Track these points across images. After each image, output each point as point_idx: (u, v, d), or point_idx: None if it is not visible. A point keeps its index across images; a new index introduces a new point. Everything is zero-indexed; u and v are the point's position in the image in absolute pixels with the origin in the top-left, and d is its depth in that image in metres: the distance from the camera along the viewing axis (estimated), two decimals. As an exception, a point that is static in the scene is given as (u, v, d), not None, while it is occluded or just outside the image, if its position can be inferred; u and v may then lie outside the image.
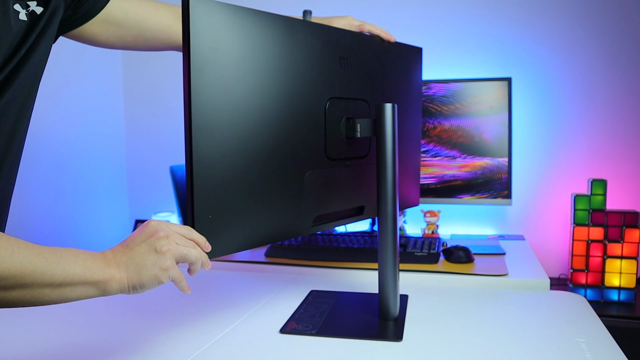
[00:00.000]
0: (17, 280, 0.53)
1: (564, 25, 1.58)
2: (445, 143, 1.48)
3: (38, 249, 0.56)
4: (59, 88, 1.72)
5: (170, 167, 1.54)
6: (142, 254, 0.62)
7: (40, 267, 0.54)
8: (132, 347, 0.77)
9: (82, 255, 0.59)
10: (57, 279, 0.56)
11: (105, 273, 0.60)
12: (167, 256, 0.62)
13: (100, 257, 0.61)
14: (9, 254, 0.53)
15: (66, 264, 0.57)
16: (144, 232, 0.63)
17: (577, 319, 0.86)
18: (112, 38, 0.84)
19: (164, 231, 0.63)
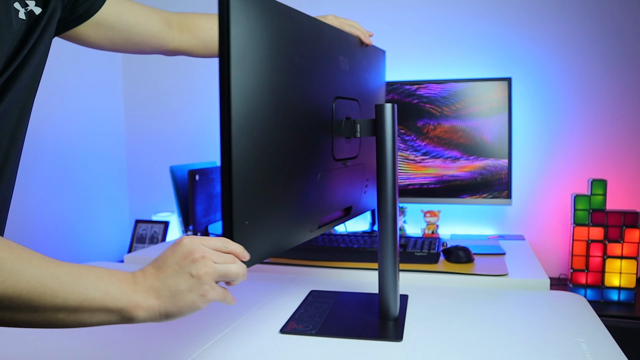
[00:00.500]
0: (24, 301, 0.48)
1: (564, 26, 1.58)
2: (445, 143, 1.48)
3: (54, 267, 0.50)
4: (60, 88, 1.72)
5: (170, 167, 1.54)
6: (176, 279, 0.55)
7: (52, 289, 0.48)
8: (132, 347, 0.77)
9: (105, 278, 0.53)
10: (72, 303, 0.50)
11: (131, 300, 0.54)
12: (205, 280, 0.56)
13: (128, 280, 0.55)
14: (16, 271, 0.47)
15: (84, 288, 0.51)
16: (177, 253, 0.57)
17: (577, 319, 0.86)
18: (104, 40, 0.86)
19: (199, 251, 0.57)
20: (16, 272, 0.47)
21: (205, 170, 1.55)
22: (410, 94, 1.51)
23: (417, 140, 1.50)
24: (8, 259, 0.47)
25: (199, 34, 1.00)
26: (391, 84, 1.52)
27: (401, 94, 1.51)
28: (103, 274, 0.54)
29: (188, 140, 1.95)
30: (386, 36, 1.72)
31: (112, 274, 0.54)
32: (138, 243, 1.85)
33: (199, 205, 1.50)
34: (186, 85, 1.94)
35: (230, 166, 0.60)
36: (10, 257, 0.48)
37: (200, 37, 1.01)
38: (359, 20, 1.11)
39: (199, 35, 1.00)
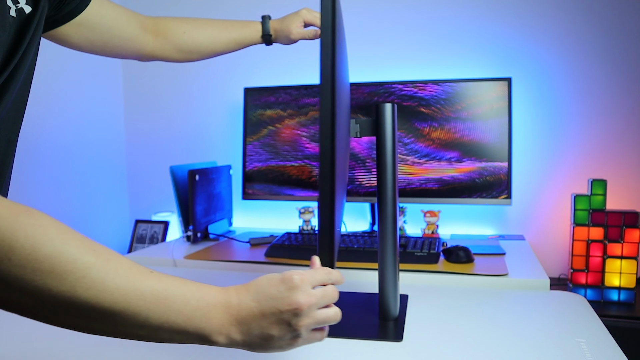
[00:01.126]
0: (105, 314, 0.45)
1: (564, 26, 1.58)
2: (445, 144, 1.48)
3: (139, 281, 0.47)
4: (60, 89, 1.72)
5: (170, 167, 1.54)
6: (273, 326, 0.52)
7: (134, 306, 0.46)
8: (132, 346, 0.77)
9: (193, 302, 0.49)
10: (153, 324, 0.48)
11: (214, 330, 0.51)
12: (301, 331, 0.53)
13: (218, 306, 0.51)
14: (101, 280, 0.45)
15: (167, 309, 0.48)
16: (284, 299, 0.52)
17: (577, 319, 0.86)
18: (84, 41, 0.86)
19: (307, 302, 0.52)
20: (101, 281, 0.45)
21: (205, 170, 1.55)
22: (410, 97, 1.51)
23: (417, 142, 1.50)
24: (94, 265, 0.45)
25: (173, 39, 1.01)
26: (390, 84, 1.52)
27: (401, 97, 1.51)
28: (192, 296, 0.50)
29: (188, 140, 1.95)
30: (385, 36, 1.72)
31: (202, 297, 0.50)
32: (138, 243, 1.85)
33: (199, 205, 1.50)
34: (186, 85, 1.94)
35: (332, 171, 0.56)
36: (97, 263, 0.45)
37: (174, 42, 1.01)
38: (355, 19, 1.11)
39: (173, 40, 1.01)
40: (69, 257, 0.44)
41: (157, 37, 1.00)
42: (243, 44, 1.08)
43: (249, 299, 0.52)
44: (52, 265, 0.43)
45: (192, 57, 1.05)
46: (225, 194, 1.70)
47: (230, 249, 1.40)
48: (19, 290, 0.43)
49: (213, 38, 1.04)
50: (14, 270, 0.42)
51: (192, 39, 1.02)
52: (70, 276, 0.43)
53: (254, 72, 1.82)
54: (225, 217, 1.70)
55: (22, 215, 0.44)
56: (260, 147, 1.65)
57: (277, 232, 1.60)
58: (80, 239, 0.46)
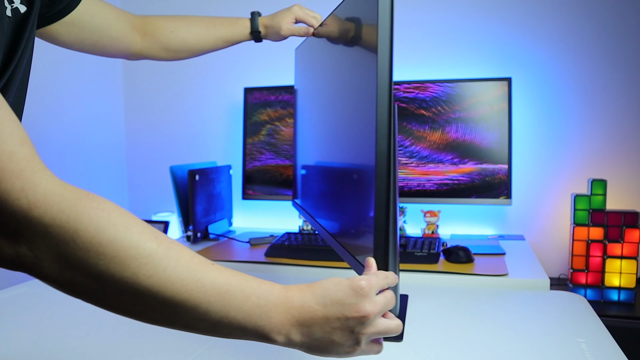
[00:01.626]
0: (165, 303, 0.45)
1: (564, 25, 1.58)
2: (445, 144, 1.48)
3: (200, 272, 0.46)
4: (60, 89, 1.72)
5: (170, 167, 1.54)
6: (336, 331, 0.51)
7: (195, 297, 0.46)
8: (132, 346, 0.77)
9: (253, 299, 0.48)
10: (213, 317, 0.47)
11: (274, 329, 0.50)
12: (362, 340, 0.52)
13: (279, 304, 0.50)
14: (163, 268, 0.44)
15: (227, 304, 0.47)
16: (351, 305, 0.50)
17: (577, 319, 0.86)
18: (73, 40, 0.85)
19: (373, 311, 0.51)
20: (163, 269, 0.44)
21: (205, 170, 1.55)
22: (411, 99, 1.50)
23: (417, 144, 1.49)
24: (156, 252, 0.45)
25: (160, 39, 1.01)
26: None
27: (400, 99, 1.51)
28: (252, 292, 0.49)
29: (188, 140, 1.95)
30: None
31: (263, 295, 0.49)
32: (138, 243, 1.85)
33: (199, 205, 1.50)
34: (186, 85, 1.94)
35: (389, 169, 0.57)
36: (159, 250, 0.45)
37: (161, 41, 1.01)
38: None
39: (160, 40, 1.01)
40: (131, 242, 0.44)
41: (145, 36, 0.99)
42: (231, 41, 1.07)
43: (313, 301, 0.51)
44: (115, 250, 0.43)
45: (179, 55, 1.05)
46: (225, 194, 1.70)
47: (230, 249, 1.40)
48: (84, 273, 0.43)
49: (200, 36, 1.04)
50: (78, 253, 0.42)
51: (179, 38, 1.02)
52: (133, 262, 0.43)
53: (254, 72, 1.82)
54: (225, 217, 1.70)
55: (85, 199, 0.44)
56: (260, 147, 1.65)
57: (277, 232, 1.60)
58: (142, 225, 0.46)
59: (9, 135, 0.43)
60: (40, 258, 0.42)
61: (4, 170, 0.42)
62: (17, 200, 0.41)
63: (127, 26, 0.95)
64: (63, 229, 0.42)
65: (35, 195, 0.42)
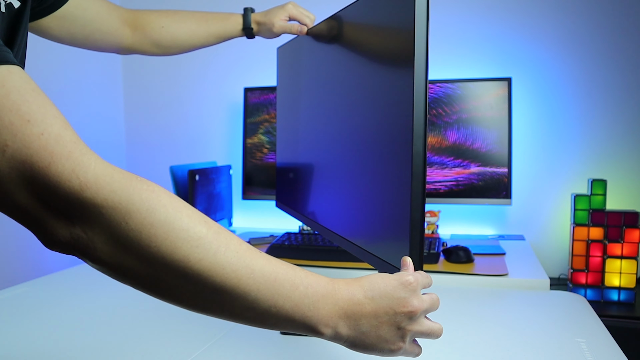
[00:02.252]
0: (216, 288, 0.45)
1: (564, 25, 1.58)
2: (445, 144, 1.48)
3: (249, 258, 0.46)
4: (60, 88, 1.72)
5: (170, 167, 1.54)
6: (383, 326, 0.50)
7: (245, 284, 0.45)
8: (132, 346, 0.77)
9: (302, 288, 0.48)
10: (261, 305, 0.47)
11: (321, 322, 0.49)
12: (407, 336, 0.52)
13: (327, 296, 0.49)
14: (213, 252, 0.44)
15: (276, 292, 0.47)
16: (401, 299, 0.51)
17: (577, 319, 0.86)
18: (64, 34, 0.84)
19: (421, 307, 0.52)
20: (213, 253, 0.44)
21: (205, 170, 1.55)
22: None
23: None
24: (206, 235, 0.44)
25: (151, 34, 1.00)
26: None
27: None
28: (300, 282, 0.48)
29: (188, 140, 1.95)
30: (386, 36, 1.71)
31: (310, 285, 0.49)
32: (138, 243, 1.85)
33: (199, 205, 1.50)
34: (186, 85, 1.94)
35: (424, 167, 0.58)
36: (208, 234, 0.45)
37: (151, 36, 1.00)
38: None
39: (151, 35, 1.00)
40: (182, 225, 0.44)
41: (136, 31, 0.98)
42: (223, 37, 1.06)
43: (362, 294, 0.50)
44: (167, 231, 0.43)
45: (170, 51, 1.04)
46: (225, 194, 1.70)
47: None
48: (136, 256, 0.43)
49: (192, 32, 1.03)
50: (130, 234, 0.42)
51: (170, 34, 1.01)
52: (184, 245, 0.43)
53: (254, 72, 1.82)
54: (225, 217, 1.70)
55: (135, 180, 0.44)
56: (260, 146, 1.65)
57: (277, 232, 1.60)
58: (191, 209, 0.46)
59: (54, 119, 0.43)
60: (94, 240, 0.42)
61: (53, 152, 0.41)
62: (69, 181, 0.41)
63: (118, 20, 0.94)
64: (115, 209, 0.42)
65: (86, 176, 0.42)
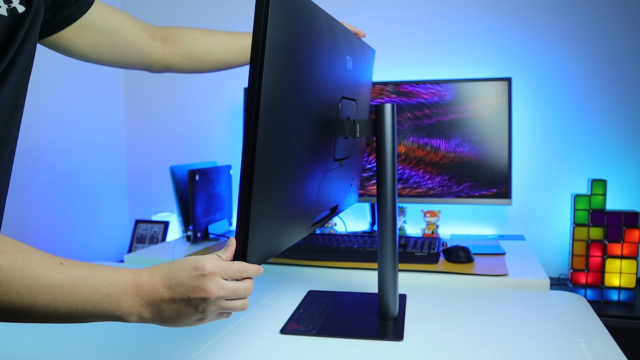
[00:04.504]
0: (14, 309, 0.49)
1: (564, 25, 1.59)
2: (444, 144, 1.48)
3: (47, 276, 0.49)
4: (60, 88, 1.73)
5: (170, 167, 1.54)
6: (181, 307, 0.57)
7: (42, 299, 0.49)
8: (132, 346, 0.77)
9: (102, 290, 0.53)
10: (63, 312, 0.51)
11: (124, 312, 0.55)
12: (207, 314, 0.58)
13: (128, 290, 0.55)
14: (7, 280, 0.48)
15: (75, 299, 0.51)
16: (194, 287, 0.56)
17: (577, 319, 0.86)
18: (88, 46, 0.84)
19: (216, 293, 0.57)
20: (7, 282, 0.47)
21: (205, 170, 1.55)
22: (410, 100, 1.51)
23: (416, 144, 1.50)
24: (0, 267, 0.48)
25: (183, 45, 0.98)
26: (388, 85, 1.52)
27: (400, 98, 1.51)
28: (100, 284, 0.53)
29: (188, 140, 1.95)
30: (382, 35, 1.72)
31: (111, 284, 0.54)
32: (138, 243, 1.85)
33: (199, 205, 1.50)
34: (186, 85, 1.94)
35: (252, 165, 0.59)
36: (3, 265, 0.48)
37: (184, 47, 0.98)
38: (354, 18, 1.10)
39: (183, 46, 0.98)
40: None
41: (167, 43, 0.97)
42: None
43: (160, 284, 0.56)
44: None
45: (202, 65, 1.02)
46: (225, 194, 1.70)
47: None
48: None
49: (224, 45, 1.01)
50: None
51: (203, 45, 0.99)
52: None
53: (254, 72, 1.82)
54: (225, 217, 1.70)
55: None
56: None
57: (277, 232, 1.60)
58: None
59: None
60: None
61: None
62: None
63: (144, 32, 0.93)
64: None
65: None
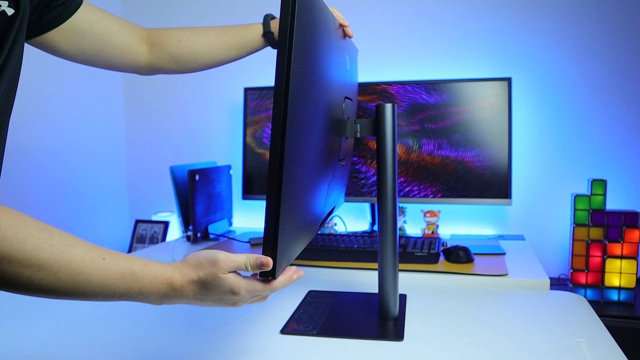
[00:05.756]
0: (57, 293, 0.54)
1: (564, 25, 1.59)
2: (444, 145, 1.48)
3: (89, 272, 0.54)
4: (60, 88, 1.72)
5: (170, 167, 1.54)
6: (215, 303, 0.63)
7: (83, 291, 0.54)
8: (132, 346, 0.77)
9: (135, 288, 0.58)
10: (100, 299, 0.57)
11: (153, 304, 0.61)
12: (237, 305, 0.64)
13: (160, 294, 0.60)
14: (54, 271, 0.52)
15: (112, 293, 0.57)
16: (223, 300, 0.62)
17: (577, 319, 0.86)
18: (74, 49, 0.84)
19: (242, 303, 0.64)
20: (54, 273, 0.52)
21: (205, 170, 1.55)
22: (409, 100, 1.51)
23: (416, 144, 1.50)
24: (48, 260, 0.52)
25: (168, 48, 0.98)
26: (389, 85, 1.52)
27: (400, 98, 1.51)
28: (135, 284, 0.58)
29: (188, 140, 1.95)
30: (380, 34, 1.72)
31: (144, 286, 0.58)
32: (138, 243, 1.85)
33: (199, 205, 1.50)
34: (186, 85, 1.94)
35: (281, 167, 0.58)
36: (51, 258, 0.52)
37: (169, 51, 0.98)
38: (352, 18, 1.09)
39: (168, 50, 0.98)
40: (24, 255, 0.50)
41: (153, 47, 0.97)
42: (244, 48, 1.02)
43: (192, 294, 0.61)
44: (10, 262, 0.50)
45: (190, 67, 1.01)
46: (225, 194, 1.70)
47: (230, 249, 1.40)
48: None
49: (210, 44, 1.00)
50: None
51: (188, 47, 0.99)
52: (27, 270, 0.51)
53: (254, 72, 1.82)
54: (225, 217, 1.70)
55: None
56: (260, 146, 1.65)
57: (277, 232, 1.60)
58: (36, 236, 0.52)
59: None
60: None
61: None
62: None
63: (132, 37, 0.92)
64: None
65: None
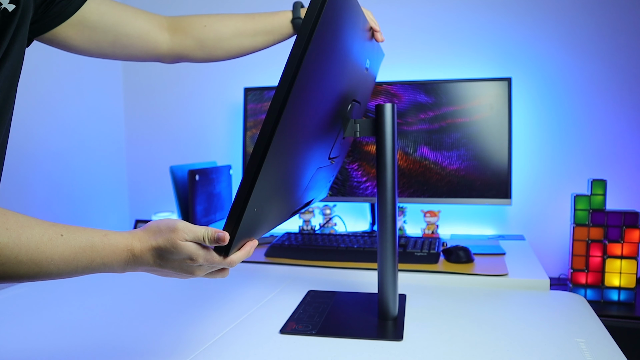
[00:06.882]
0: (20, 277, 0.55)
1: (564, 25, 1.58)
2: (445, 144, 1.48)
3: (50, 249, 0.56)
4: (60, 88, 1.72)
5: (170, 167, 1.54)
6: (174, 270, 0.64)
7: (46, 269, 0.56)
8: (132, 346, 0.77)
9: (97, 260, 0.60)
10: (64, 276, 0.59)
11: (117, 272, 0.63)
12: (196, 275, 0.66)
13: (122, 261, 0.62)
14: (14, 255, 0.53)
15: (75, 267, 0.58)
16: (183, 268, 0.65)
17: (577, 319, 0.86)
18: (88, 43, 0.82)
19: (199, 264, 0.65)
20: (14, 256, 0.53)
21: (205, 170, 1.55)
22: (409, 100, 1.51)
23: (416, 144, 1.50)
24: (6, 245, 0.52)
25: (193, 33, 0.94)
26: (387, 84, 1.52)
27: (399, 98, 1.51)
28: (97, 255, 0.60)
29: (188, 140, 1.95)
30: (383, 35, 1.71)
31: (107, 256, 0.60)
32: (138, 243, 1.85)
33: (199, 205, 1.50)
34: (186, 85, 1.94)
35: (264, 153, 0.59)
36: (9, 242, 0.52)
37: (194, 36, 0.94)
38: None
39: (193, 35, 0.94)
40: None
41: (176, 33, 0.92)
42: (272, 34, 0.97)
43: (152, 259, 0.63)
44: None
45: (215, 53, 0.97)
46: (225, 194, 1.70)
47: (230, 249, 1.39)
48: None
49: (237, 30, 0.95)
50: None
51: (214, 32, 0.94)
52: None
53: (254, 72, 1.82)
54: (225, 217, 1.70)
55: None
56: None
57: (277, 232, 1.60)
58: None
59: None
60: None
61: None
62: None
63: (149, 24, 0.89)
64: None
65: None
